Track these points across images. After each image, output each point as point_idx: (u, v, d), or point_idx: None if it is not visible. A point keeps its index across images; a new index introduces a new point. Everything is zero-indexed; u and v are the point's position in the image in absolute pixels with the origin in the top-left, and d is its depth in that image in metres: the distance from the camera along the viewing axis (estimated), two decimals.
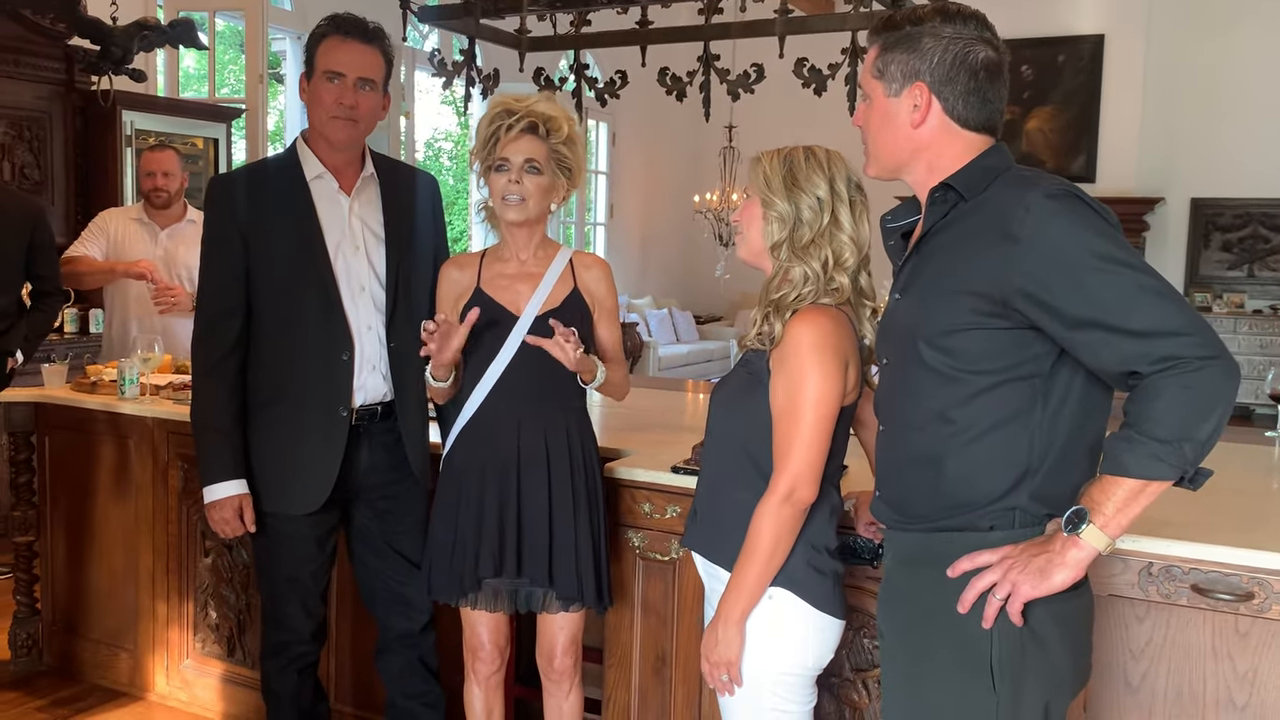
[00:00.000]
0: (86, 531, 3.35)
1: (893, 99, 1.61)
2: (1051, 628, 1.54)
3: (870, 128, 1.64)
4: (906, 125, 1.60)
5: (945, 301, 1.54)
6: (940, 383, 1.56)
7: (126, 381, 3.20)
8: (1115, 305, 1.41)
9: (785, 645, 1.84)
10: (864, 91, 1.65)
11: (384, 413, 2.47)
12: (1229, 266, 9.67)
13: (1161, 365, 1.39)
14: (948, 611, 1.55)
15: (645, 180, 11.62)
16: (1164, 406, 1.39)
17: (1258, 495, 2.36)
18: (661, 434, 2.82)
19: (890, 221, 1.76)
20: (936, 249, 1.60)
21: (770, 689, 1.85)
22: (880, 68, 1.61)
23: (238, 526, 2.43)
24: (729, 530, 1.87)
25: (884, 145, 1.64)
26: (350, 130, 2.39)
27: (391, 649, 2.61)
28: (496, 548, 2.20)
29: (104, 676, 3.35)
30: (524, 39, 3.82)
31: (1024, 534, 1.54)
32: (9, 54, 4.98)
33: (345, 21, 2.39)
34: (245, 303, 2.40)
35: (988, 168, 1.58)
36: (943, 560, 1.57)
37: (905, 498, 1.65)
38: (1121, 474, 1.44)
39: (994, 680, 1.53)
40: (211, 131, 5.90)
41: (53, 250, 3.90)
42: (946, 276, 1.55)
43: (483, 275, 2.28)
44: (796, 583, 1.83)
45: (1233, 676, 1.90)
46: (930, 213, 1.62)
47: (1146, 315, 1.40)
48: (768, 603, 1.83)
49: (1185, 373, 1.39)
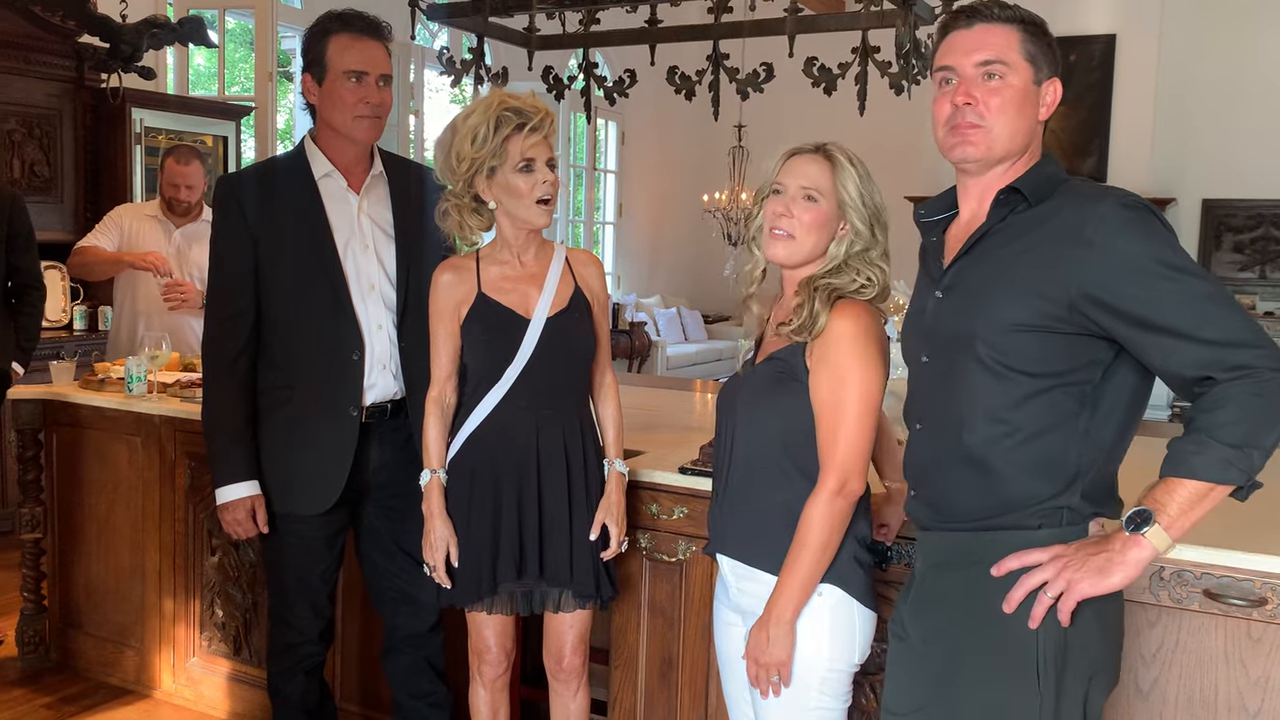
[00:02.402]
0: (93, 529, 3.35)
1: (1036, 86, 1.63)
2: (1094, 625, 1.55)
3: (1008, 108, 1.62)
4: (1037, 115, 1.64)
5: (1008, 302, 1.55)
6: (994, 382, 1.56)
7: (134, 379, 3.21)
8: (1188, 314, 1.45)
9: (837, 642, 1.83)
10: (1000, 73, 1.61)
11: (394, 411, 2.46)
12: (1241, 268, 9.62)
13: (1235, 373, 1.43)
14: (989, 612, 1.55)
15: (654, 179, 11.61)
16: (1235, 413, 1.43)
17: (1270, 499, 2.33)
18: (669, 434, 2.81)
19: (925, 216, 1.76)
20: (995, 250, 1.60)
21: (818, 687, 1.84)
22: (1031, 53, 1.62)
23: (250, 528, 2.43)
24: (774, 532, 1.84)
25: (1019, 128, 1.62)
26: (376, 128, 2.40)
27: (398, 649, 2.60)
28: (517, 551, 2.18)
29: (110, 674, 3.36)
30: (533, 37, 3.81)
31: (1072, 532, 1.56)
32: (19, 51, 4.99)
33: (355, 19, 2.37)
34: (255, 303, 2.40)
35: (1051, 176, 1.62)
36: (984, 561, 1.57)
37: (946, 498, 1.64)
38: (1189, 476, 1.45)
39: (1039, 680, 1.53)
40: (221, 129, 5.91)
41: (31, 240, 3.76)
42: (1008, 278, 1.56)
43: (482, 279, 2.21)
44: (843, 578, 1.82)
45: (1245, 682, 1.88)
46: (992, 213, 1.62)
47: (1218, 325, 1.44)
48: (818, 600, 1.82)
49: (1258, 382, 1.42)
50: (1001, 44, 1.61)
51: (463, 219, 2.21)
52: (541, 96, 2.40)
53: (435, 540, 2.19)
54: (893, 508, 2.06)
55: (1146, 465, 1.52)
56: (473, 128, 2.12)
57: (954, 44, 1.65)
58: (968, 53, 1.62)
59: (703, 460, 2.38)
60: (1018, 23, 1.63)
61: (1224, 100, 9.32)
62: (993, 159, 1.63)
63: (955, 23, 1.67)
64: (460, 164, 2.14)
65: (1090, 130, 9.43)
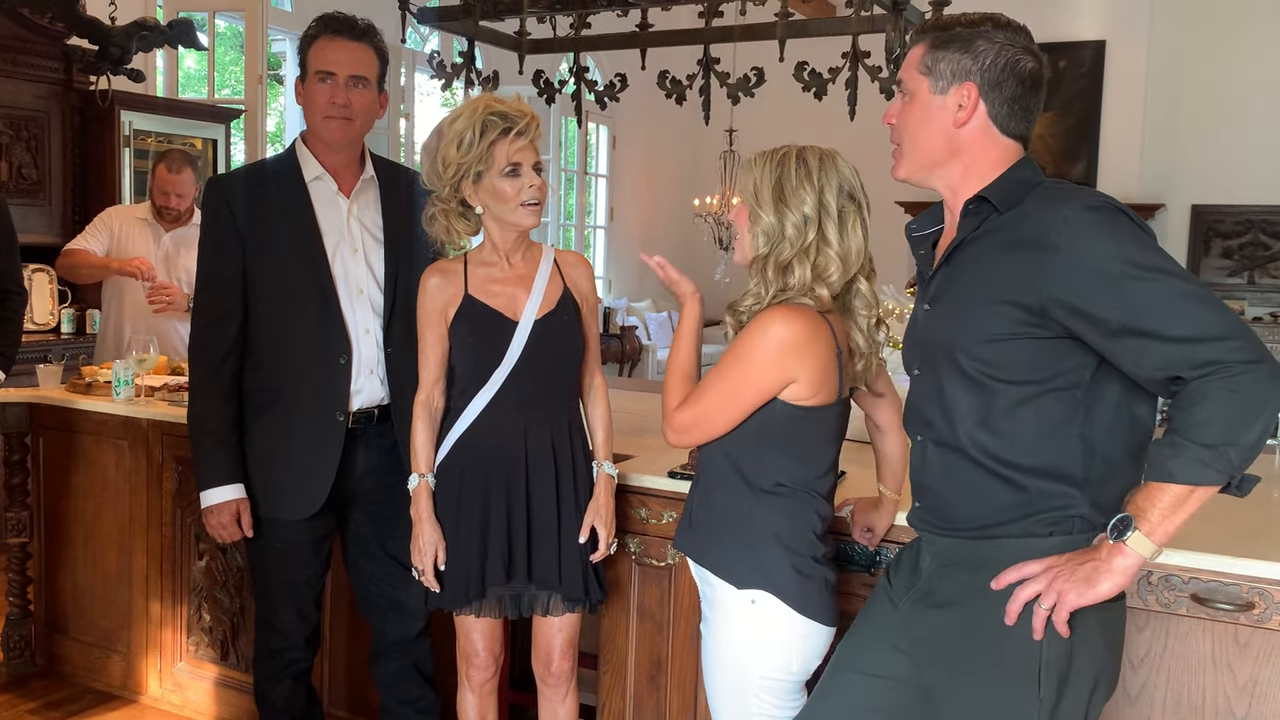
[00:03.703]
0: (80, 533, 3.33)
1: (938, 96, 1.61)
2: (1097, 633, 1.54)
3: (909, 124, 1.63)
4: (949, 124, 1.61)
5: (984, 311, 1.55)
6: (980, 392, 1.56)
7: (121, 383, 3.19)
8: (1157, 313, 1.41)
9: (769, 649, 1.84)
10: (904, 88, 1.63)
11: (380, 416, 2.46)
12: (1229, 274, 9.65)
13: (1204, 370, 1.39)
14: (994, 619, 1.55)
15: (645, 183, 11.61)
16: (1208, 411, 1.39)
17: (1258, 504, 2.34)
18: (658, 438, 2.80)
19: (915, 230, 1.76)
20: (970, 260, 1.60)
21: (755, 692, 1.86)
22: (929, 64, 1.61)
23: (235, 531, 2.42)
24: (716, 534, 1.87)
25: (922, 143, 1.63)
26: (345, 129, 2.38)
27: (386, 654, 2.59)
28: (506, 553, 2.18)
29: (97, 679, 3.33)
30: (524, 41, 3.81)
31: (1083, 540, 1.55)
32: (7, 53, 4.96)
33: (334, 20, 2.37)
34: (243, 305, 2.39)
35: (1022, 180, 1.60)
36: (990, 565, 1.57)
37: (951, 505, 1.64)
38: (1167, 480, 1.43)
39: (1040, 685, 1.53)
40: (211, 132, 5.89)
41: (13, 243, 3.62)
42: (983, 287, 1.56)
43: (469, 282, 2.21)
44: (779, 587, 1.82)
45: (1232, 687, 1.88)
46: (963, 224, 1.62)
47: (1189, 321, 1.40)
48: (751, 606, 1.83)
49: (1229, 376, 1.38)
50: (911, 59, 1.65)
51: (450, 224, 2.20)
52: (532, 100, 2.40)
53: (424, 545, 2.19)
54: (880, 514, 2.06)
55: None
56: (458, 133, 2.12)
57: None
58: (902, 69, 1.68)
59: (691, 465, 2.38)
60: (926, 33, 1.64)
61: (1213, 106, 9.35)
62: (921, 176, 1.65)
63: None
64: (446, 169, 2.14)
65: (1079, 136, 9.45)
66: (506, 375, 2.18)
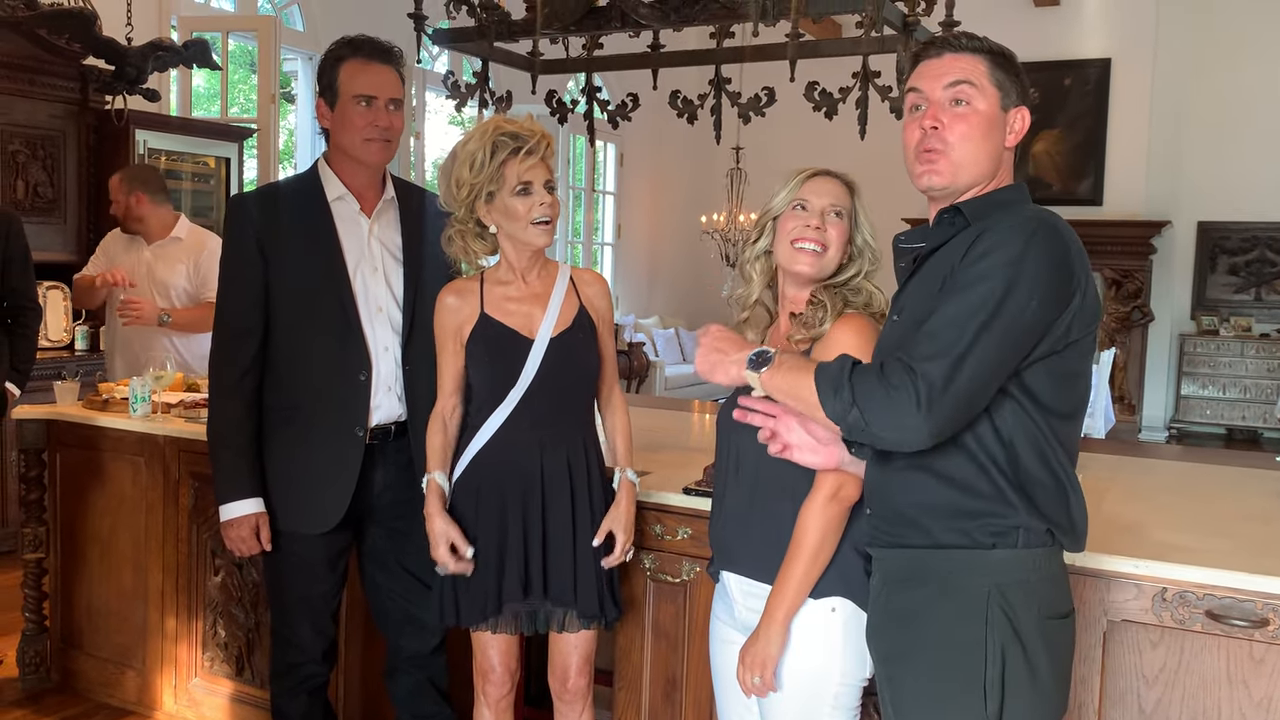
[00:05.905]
0: (96, 549, 3.35)
1: (1003, 112, 1.66)
2: (1043, 655, 1.57)
3: (974, 134, 1.65)
4: (1003, 141, 1.67)
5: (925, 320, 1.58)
6: None
7: (138, 399, 3.21)
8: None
9: (850, 656, 1.84)
10: (968, 98, 1.65)
11: (397, 432, 2.48)
12: (1236, 290, 9.67)
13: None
14: (941, 631, 1.58)
15: (652, 200, 11.66)
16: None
17: (1271, 520, 2.35)
18: (671, 454, 2.82)
19: (903, 242, 1.78)
20: (930, 271, 1.64)
21: (832, 702, 1.85)
22: (999, 79, 1.66)
23: (254, 545, 2.44)
24: (776, 544, 1.85)
25: (984, 154, 1.66)
26: (385, 151, 2.42)
27: (402, 669, 2.61)
28: (522, 570, 2.19)
29: (111, 694, 3.35)
30: (536, 62, 3.84)
31: (1029, 554, 1.57)
32: (25, 73, 5.02)
33: (366, 44, 2.40)
34: (264, 322, 2.42)
35: (1002, 201, 1.64)
36: (937, 578, 1.60)
37: (899, 514, 1.66)
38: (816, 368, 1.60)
39: (985, 700, 1.55)
40: (223, 151, 5.94)
41: (27, 261, 3.76)
42: (932, 297, 1.59)
43: (485, 300, 2.23)
44: (856, 593, 1.83)
45: (1248, 703, 1.89)
46: (933, 234, 1.66)
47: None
48: (831, 615, 1.83)
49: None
50: (969, 68, 1.66)
51: (467, 244, 2.24)
52: (544, 120, 2.43)
53: (436, 537, 2.20)
54: None
55: (1140, 489, 1.53)
56: (470, 154, 2.16)
57: (923, 71, 1.69)
58: (936, 77, 1.67)
59: (706, 481, 2.39)
60: (985, 52, 1.67)
61: (1219, 124, 9.38)
62: (958, 187, 1.66)
63: (925, 53, 1.71)
64: (460, 190, 2.18)
65: (1085, 153, 9.49)
66: (522, 394, 2.19)
